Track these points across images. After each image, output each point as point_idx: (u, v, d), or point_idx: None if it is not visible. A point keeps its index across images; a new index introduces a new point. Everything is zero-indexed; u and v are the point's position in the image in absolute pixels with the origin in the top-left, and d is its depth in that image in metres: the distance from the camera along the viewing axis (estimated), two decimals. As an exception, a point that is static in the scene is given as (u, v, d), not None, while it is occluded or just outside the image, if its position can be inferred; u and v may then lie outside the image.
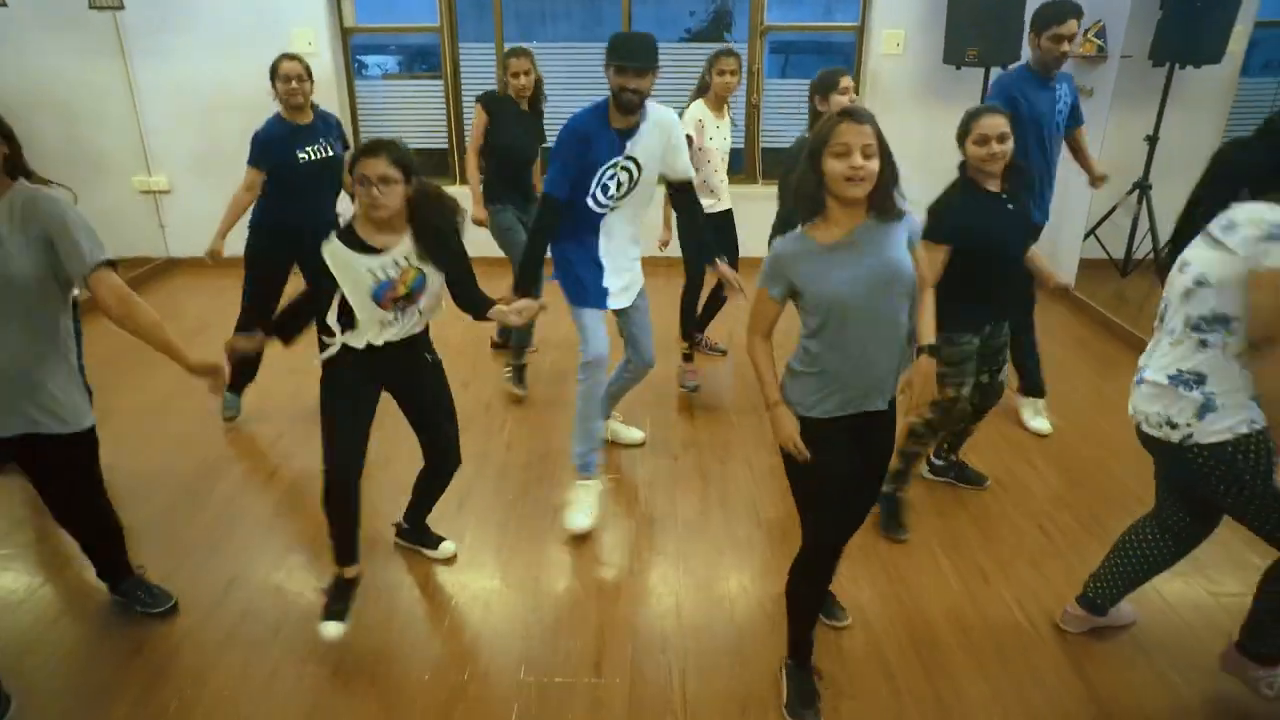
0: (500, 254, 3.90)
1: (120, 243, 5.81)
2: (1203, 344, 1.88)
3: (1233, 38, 4.76)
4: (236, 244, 3.42)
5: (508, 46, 4.07)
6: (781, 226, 3.10)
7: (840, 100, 2.99)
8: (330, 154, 3.46)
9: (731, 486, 3.17)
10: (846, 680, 2.25)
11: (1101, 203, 5.17)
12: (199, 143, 5.50)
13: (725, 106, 3.81)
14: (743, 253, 3.94)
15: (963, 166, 2.61)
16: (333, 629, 2.33)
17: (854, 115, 1.82)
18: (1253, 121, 1.92)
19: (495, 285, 2.62)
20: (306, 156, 3.39)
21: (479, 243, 2.91)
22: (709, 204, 3.66)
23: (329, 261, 2.21)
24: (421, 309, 2.33)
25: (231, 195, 3.40)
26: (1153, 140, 5.03)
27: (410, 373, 2.44)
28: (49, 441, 2.11)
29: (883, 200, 1.86)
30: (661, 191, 3.20)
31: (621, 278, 2.98)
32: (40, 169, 2.15)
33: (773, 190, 3.58)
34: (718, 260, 3.01)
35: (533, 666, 2.30)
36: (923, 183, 2.65)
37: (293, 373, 3.61)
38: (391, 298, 2.24)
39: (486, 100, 3.83)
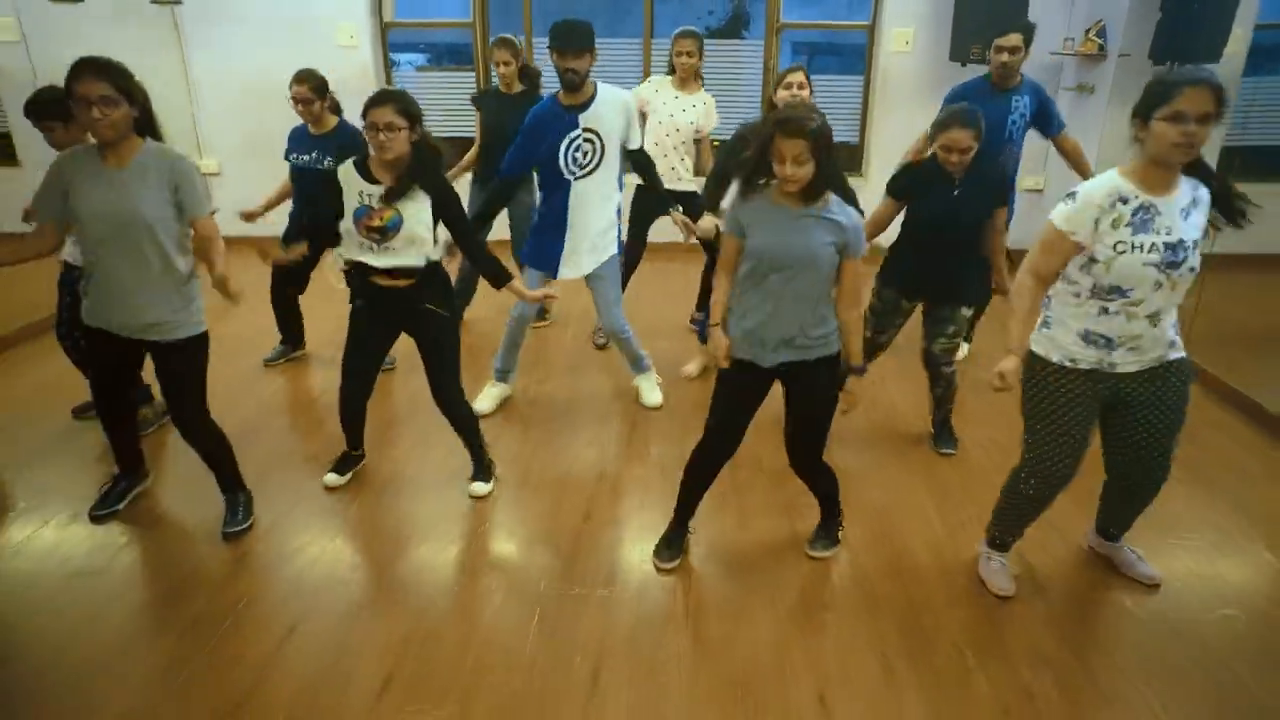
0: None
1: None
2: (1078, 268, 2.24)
3: (1232, 39, 4.97)
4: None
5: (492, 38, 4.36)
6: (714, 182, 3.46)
7: (784, 95, 3.32)
8: (316, 165, 3.73)
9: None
10: (830, 596, 2.54)
11: (1102, 196, 5.39)
12: (247, 129, 5.86)
13: (691, 83, 4.15)
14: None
15: (933, 153, 3.04)
16: (331, 478, 3.05)
17: (786, 127, 2.14)
18: (1254, 119, 2.16)
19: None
20: (297, 161, 3.79)
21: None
22: (674, 184, 4.07)
23: (340, 177, 2.66)
24: (394, 246, 2.66)
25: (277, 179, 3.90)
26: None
27: (411, 317, 2.82)
28: (161, 348, 2.58)
29: (807, 193, 2.24)
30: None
31: (579, 247, 3.39)
32: None
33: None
34: (671, 210, 3.54)
35: (552, 581, 2.60)
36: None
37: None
38: (366, 224, 2.63)
39: (475, 98, 4.29)
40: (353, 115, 3.76)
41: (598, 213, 3.37)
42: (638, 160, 3.51)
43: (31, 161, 6.02)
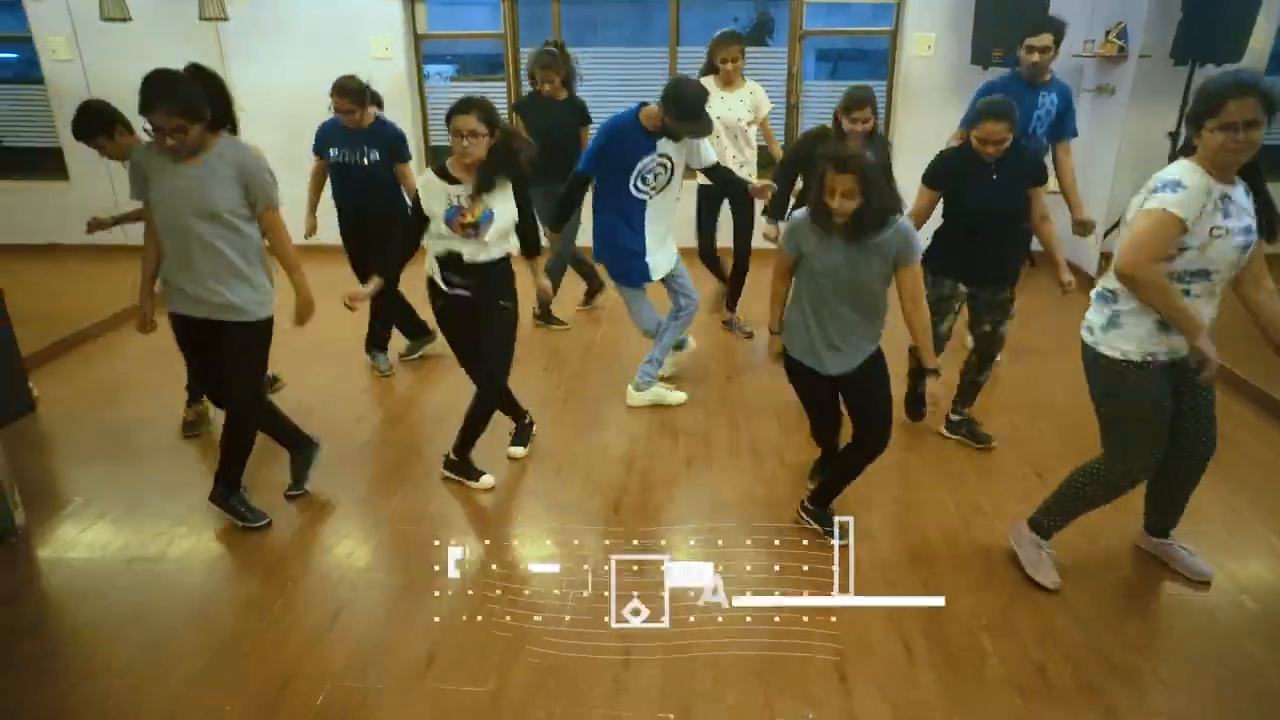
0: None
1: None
2: None
3: (1255, 35, 4.99)
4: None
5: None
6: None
7: (848, 125, 3.46)
8: (362, 160, 3.93)
9: (760, 435, 3.56)
10: (851, 579, 2.63)
11: (1123, 198, 5.42)
12: (286, 137, 6.03)
13: (735, 82, 4.30)
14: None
15: (967, 139, 3.12)
16: (516, 450, 3.34)
17: (839, 165, 2.33)
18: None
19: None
20: (339, 157, 3.96)
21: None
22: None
23: (420, 189, 2.83)
24: (487, 240, 2.83)
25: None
26: (1175, 136, 5.26)
27: (483, 306, 2.96)
28: (229, 327, 2.74)
29: (855, 230, 2.41)
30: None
31: (658, 255, 3.59)
32: None
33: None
34: (750, 184, 3.71)
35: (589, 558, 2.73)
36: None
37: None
38: (460, 223, 2.79)
39: (518, 105, 4.58)
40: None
41: (666, 222, 3.62)
42: (714, 175, 3.70)
43: (81, 176, 6.29)
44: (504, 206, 2.85)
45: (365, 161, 3.94)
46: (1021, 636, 2.40)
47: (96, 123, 3.23)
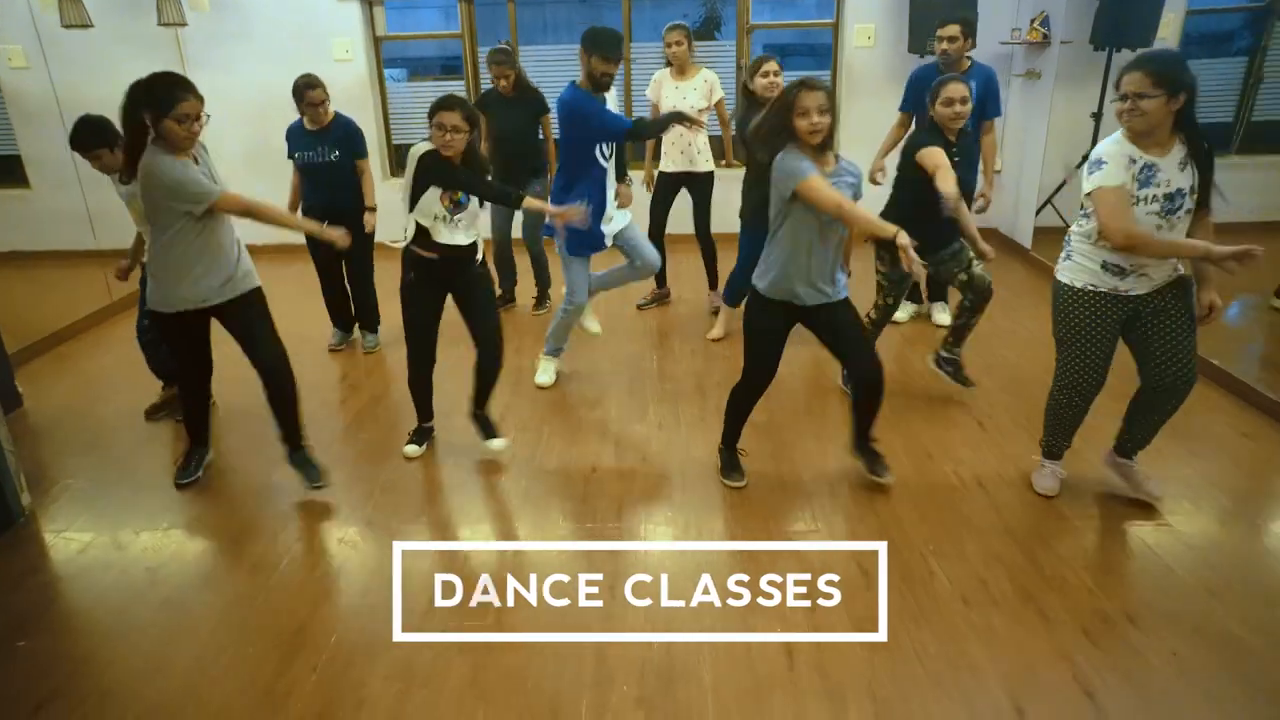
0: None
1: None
2: (1084, 217, 2.65)
3: (1163, 24, 5.41)
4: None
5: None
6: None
7: (761, 82, 3.93)
8: (324, 159, 4.15)
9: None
10: (812, 523, 2.90)
11: (1054, 175, 5.83)
12: (249, 141, 6.17)
13: (688, 71, 4.60)
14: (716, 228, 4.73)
15: (931, 119, 3.43)
16: (412, 449, 3.39)
17: (809, 83, 2.59)
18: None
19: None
20: (305, 158, 4.17)
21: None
22: (681, 167, 4.59)
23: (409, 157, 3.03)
24: (463, 220, 3.06)
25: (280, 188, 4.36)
26: (1097, 116, 5.65)
27: (465, 277, 3.18)
28: (251, 294, 3.01)
29: (824, 145, 2.67)
30: None
31: (610, 220, 3.82)
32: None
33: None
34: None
35: (568, 520, 2.96)
36: (893, 158, 3.37)
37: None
38: (451, 195, 3.02)
39: (478, 103, 4.63)
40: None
41: (611, 188, 3.80)
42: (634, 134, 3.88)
43: (42, 184, 6.32)
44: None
45: (329, 160, 4.13)
46: (968, 558, 2.68)
47: (99, 137, 3.37)
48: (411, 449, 3.38)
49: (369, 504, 3.09)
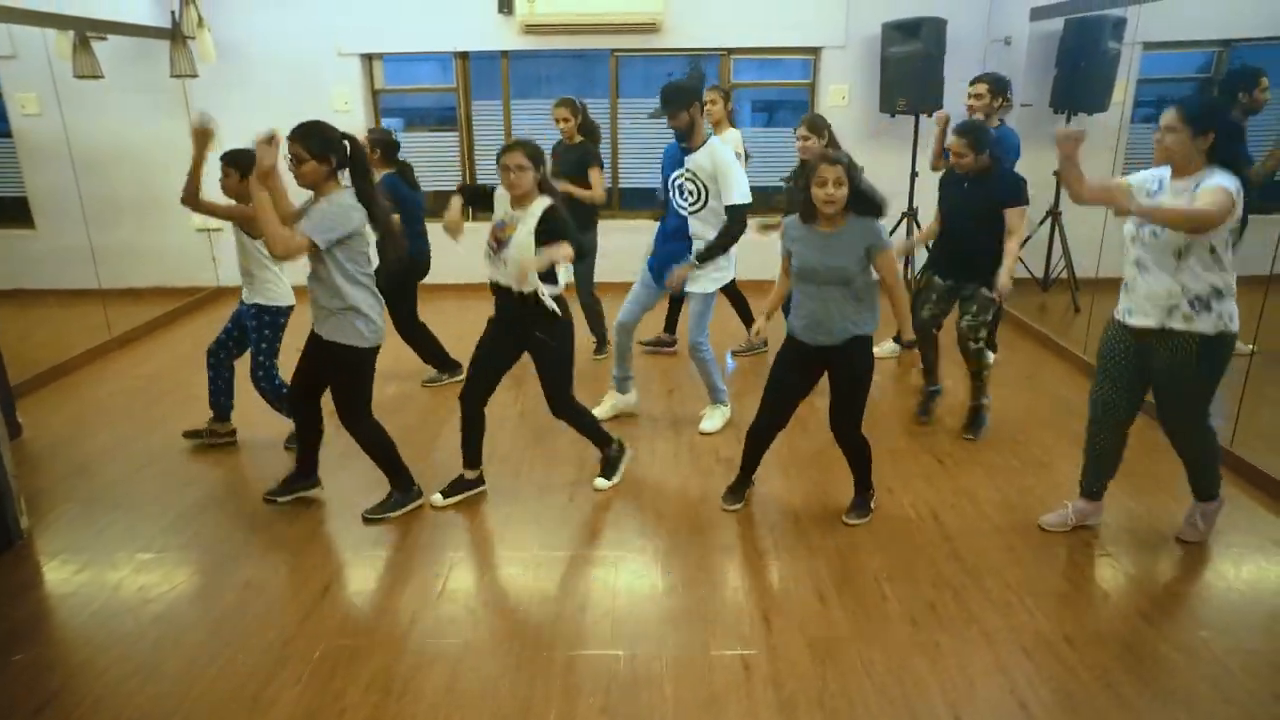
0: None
1: (179, 273, 6.76)
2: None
3: (1117, 90, 5.75)
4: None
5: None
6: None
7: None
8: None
9: (699, 440, 4.01)
10: (772, 545, 3.07)
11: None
12: (250, 187, 6.42)
13: (723, 125, 4.94)
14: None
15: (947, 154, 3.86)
16: (436, 498, 3.38)
17: (829, 157, 2.90)
18: (1140, 159, 2.80)
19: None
20: None
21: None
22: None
23: (495, 195, 3.23)
24: (505, 259, 3.12)
25: None
26: (1059, 175, 5.96)
27: (524, 339, 3.26)
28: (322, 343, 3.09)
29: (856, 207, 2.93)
30: None
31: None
32: (117, 211, 3.09)
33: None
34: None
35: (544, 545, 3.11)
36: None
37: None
38: (497, 234, 3.15)
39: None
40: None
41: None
42: (730, 214, 3.78)
43: (46, 224, 6.53)
44: (524, 229, 3.07)
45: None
46: (918, 582, 2.85)
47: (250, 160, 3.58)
48: (436, 497, 3.38)
49: (355, 525, 3.24)
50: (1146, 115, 6.25)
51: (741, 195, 3.73)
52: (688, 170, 3.78)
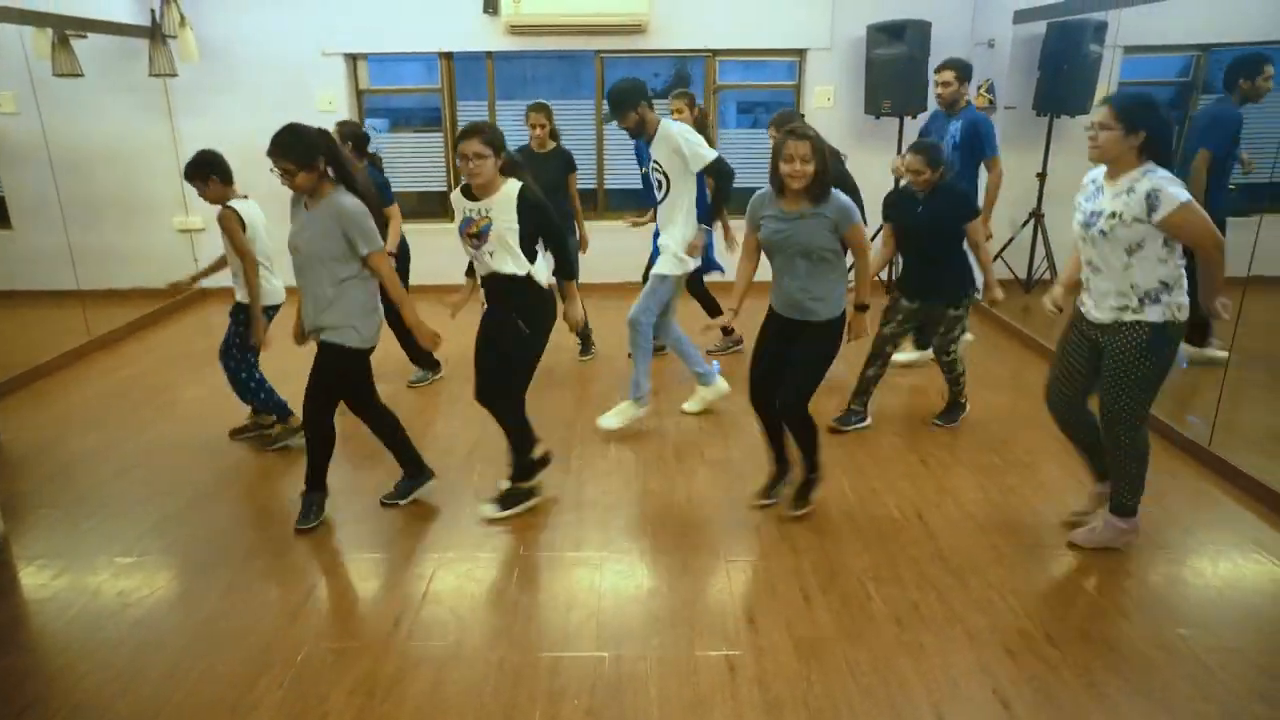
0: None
1: (160, 273, 6.67)
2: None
3: (1099, 93, 5.80)
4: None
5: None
6: None
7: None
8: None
9: (684, 440, 4.01)
10: (758, 545, 3.07)
11: (1004, 230, 6.15)
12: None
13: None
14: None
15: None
16: (488, 509, 3.31)
17: (795, 132, 2.89)
18: None
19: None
20: None
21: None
22: None
23: (452, 203, 3.12)
24: (490, 251, 3.03)
25: None
26: (1042, 177, 6.01)
27: (498, 318, 3.16)
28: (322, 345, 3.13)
29: (811, 192, 2.92)
30: None
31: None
32: (96, 211, 3.08)
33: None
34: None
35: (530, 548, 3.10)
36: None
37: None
38: (467, 233, 3.06)
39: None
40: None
41: (667, 231, 3.97)
42: (717, 175, 3.92)
43: (23, 224, 6.44)
44: (502, 218, 2.98)
45: None
46: (903, 583, 2.86)
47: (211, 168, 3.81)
48: (489, 509, 3.31)
49: (339, 529, 3.21)
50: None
51: (710, 152, 3.87)
52: (654, 161, 3.92)
